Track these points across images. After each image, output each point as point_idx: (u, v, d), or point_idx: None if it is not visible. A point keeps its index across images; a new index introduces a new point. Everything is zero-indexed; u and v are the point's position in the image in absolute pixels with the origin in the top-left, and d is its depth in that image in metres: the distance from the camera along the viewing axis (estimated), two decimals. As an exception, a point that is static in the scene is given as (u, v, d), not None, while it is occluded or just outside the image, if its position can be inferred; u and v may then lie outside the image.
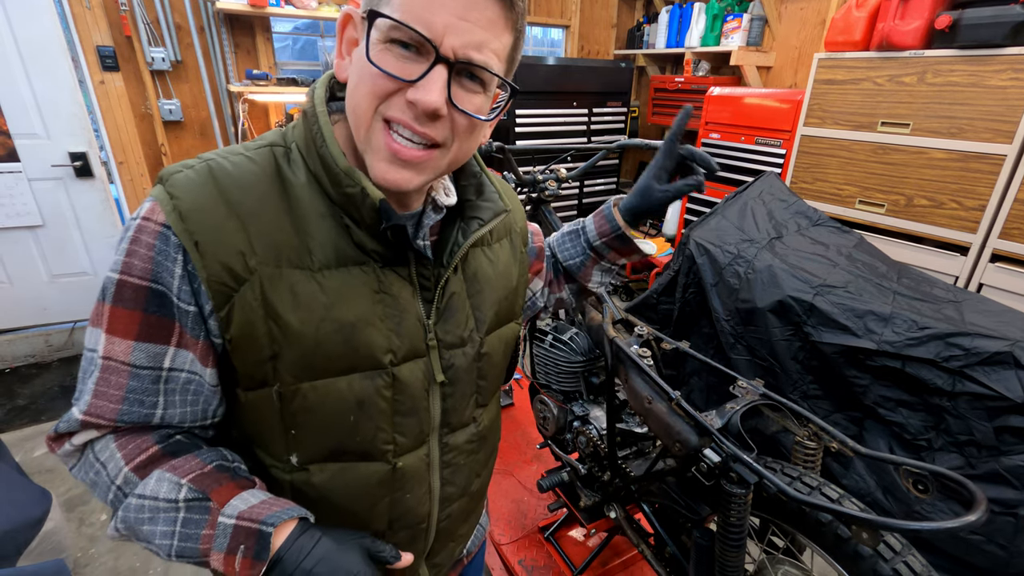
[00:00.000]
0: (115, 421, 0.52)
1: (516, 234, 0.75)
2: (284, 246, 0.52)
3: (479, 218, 0.63)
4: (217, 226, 0.49)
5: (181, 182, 0.50)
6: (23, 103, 2.44)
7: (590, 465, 1.39)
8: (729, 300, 1.97)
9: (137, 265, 0.49)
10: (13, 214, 2.58)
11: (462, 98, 0.51)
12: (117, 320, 0.50)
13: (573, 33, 4.29)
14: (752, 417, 1.02)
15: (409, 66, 0.48)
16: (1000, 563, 1.42)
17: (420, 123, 0.49)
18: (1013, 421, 1.40)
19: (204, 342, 0.52)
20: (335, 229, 0.54)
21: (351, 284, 0.54)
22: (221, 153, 0.54)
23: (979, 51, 1.98)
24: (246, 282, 0.50)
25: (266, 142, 0.56)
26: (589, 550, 1.59)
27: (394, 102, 0.49)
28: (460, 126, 0.52)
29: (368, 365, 0.56)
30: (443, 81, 0.48)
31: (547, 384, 1.49)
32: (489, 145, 1.44)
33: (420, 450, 0.63)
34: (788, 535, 0.99)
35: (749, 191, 2.33)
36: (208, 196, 0.50)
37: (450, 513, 0.70)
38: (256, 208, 0.51)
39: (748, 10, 3.28)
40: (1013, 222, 1.99)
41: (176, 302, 0.50)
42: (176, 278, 0.49)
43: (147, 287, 0.49)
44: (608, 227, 0.83)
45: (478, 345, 0.66)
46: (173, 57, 2.92)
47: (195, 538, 0.49)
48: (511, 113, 3.47)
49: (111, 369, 0.51)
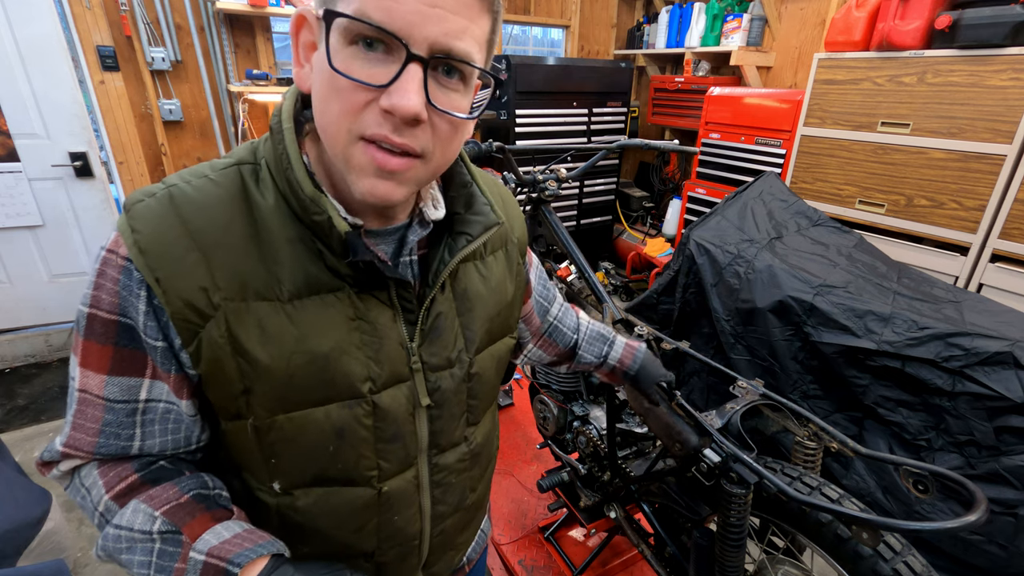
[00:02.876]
0: (92, 454, 0.52)
1: (513, 245, 0.70)
2: (250, 277, 0.49)
3: (467, 233, 0.58)
4: (178, 260, 0.47)
5: (142, 213, 0.47)
6: (23, 103, 2.45)
7: (590, 465, 1.39)
8: (729, 300, 1.97)
9: (105, 299, 0.48)
10: (13, 214, 2.58)
11: (441, 98, 0.46)
12: (90, 354, 0.49)
13: (573, 33, 4.29)
14: (752, 417, 1.02)
15: (378, 69, 0.44)
16: (1000, 563, 1.42)
17: (399, 134, 0.45)
18: (1013, 421, 1.40)
19: (176, 375, 0.50)
20: (306, 255, 0.51)
21: (324, 313, 0.51)
22: (185, 176, 0.51)
23: (979, 51, 1.99)
24: (211, 319, 0.48)
25: (234, 159, 0.53)
26: (589, 550, 1.59)
27: (368, 117, 0.45)
28: (442, 130, 0.48)
29: (346, 395, 0.53)
30: (419, 81, 0.44)
31: (547, 384, 1.49)
32: (489, 145, 1.44)
33: (407, 473, 0.61)
34: (788, 535, 0.99)
35: (749, 191, 2.34)
36: (168, 228, 0.47)
37: (443, 529, 0.68)
38: (219, 238, 0.48)
39: (748, 10, 3.28)
40: (1013, 222, 1.99)
41: (144, 337, 0.49)
42: (141, 314, 0.48)
43: (116, 321, 0.48)
44: (628, 367, 0.94)
45: (467, 366, 0.62)
46: (173, 57, 2.92)
47: (168, 570, 0.48)
48: (511, 113, 3.47)
49: (87, 402, 0.50)
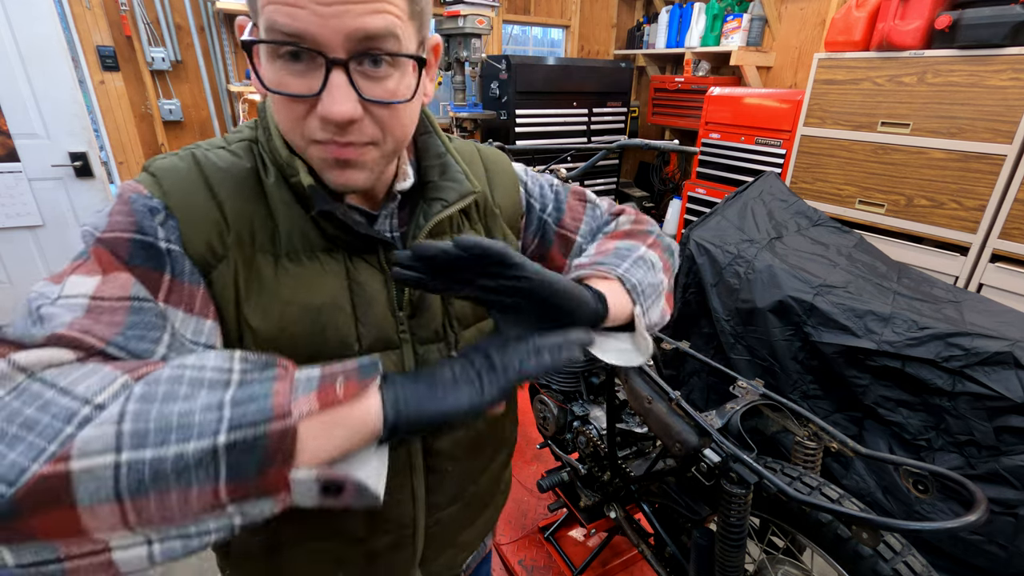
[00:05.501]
0: (107, 343, 0.39)
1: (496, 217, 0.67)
2: (258, 229, 0.52)
3: (442, 199, 0.59)
4: (198, 204, 0.49)
5: (164, 166, 0.51)
6: (23, 103, 2.44)
7: (590, 465, 1.39)
8: (729, 300, 1.97)
9: (121, 222, 0.46)
10: (13, 214, 2.57)
11: (374, 89, 0.46)
12: (105, 263, 0.44)
13: (573, 33, 4.29)
14: (752, 417, 1.02)
15: (307, 78, 0.45)
16: (1000, 563, 1.42)
17: (342, 135, 0.47)
18: (1013, 421, 1.40)
19: (204, 290, 0.49)
20: (302, 217, 0.53)
21: (319, 271, 0.54)
22: (204, 146, 0.54)
23: (979, 51, 1.98)
24: (224, 259, 0.50)
25: (244, 136, 0.56)
26: (589, 550, 1.59)
27: (311, 124, 0.47)
28: (383, 117, 0.48)
29: (336, 352, 0.54)
30: (344, 86, 0.44)
31: (547, 384, 1.50)
32: (489, 145, 1.45)
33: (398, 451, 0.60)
34: (788, 535, 0.99)
35: (749, 191, 2.34)
36: (189, 179, 0.50)
37: (439, 519, 0.67)
38: (235, 192, 0.51)
39: (748, 10, 3.28)
40: (1013, 222, 1.99)
41: (164, 250, 0.46)
42: (162, 240, 0.47)
43: (134, 239, 0.46)
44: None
45: (454, 341, 0.62)
46: (173, 57, 2.92)
47: (262, 397, 0.34)
48: (511, 113, 3.47)
49: (101, 309, 0.41)
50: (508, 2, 3.91)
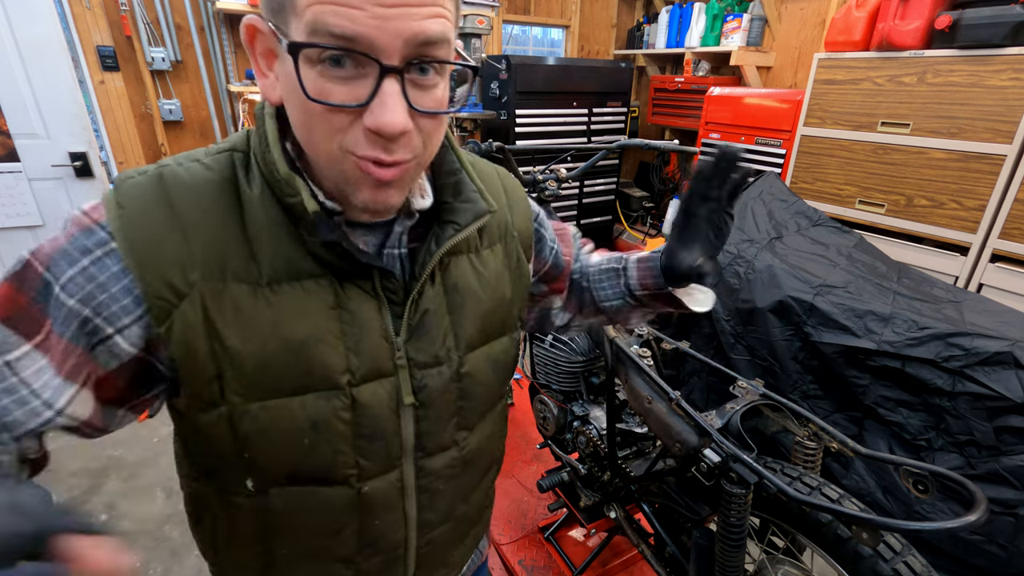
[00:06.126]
0: None
1: (513, 238, 0.66)
2: (230, 257, 0.48)
3: (455, 223, 0.56)
4: (159, 238, 0.46)
5: (130, 189, 0.47)
6: (23, 103, 2.44)
7: (590, 465, 1.39)
8: (729, 300, 1.97)
9: (54, 257, 0.45)
10: (13, 214, 2.57)
11: (423, 99, 0.44)
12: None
13: (573, 33, 4.29)
14: (752, 417, 1.02)
15: (352, 86, 0.42)
16: (1000, 563, 1.43)
17: (389, 152, 0.44)
18: (1013, 421, 1.40)
19: (81, 350, 0.46)
20: (288, 240, 0.49)
21: (302, 299, 0.50)
22: (179, 159, 0.50)
23: (979, 51, 1.99)
24: (186, 296, 0.46)
25: (228, 146, 0.52)
26: (589, 550, 1.59)
27: (354, 135, 0.43)
28: (428, 128, 0.47)
29: (323, 385, 0.51)
30: (397, 94, 0.42)
31: (547, 384, 1.50)
32: (489, 145, 1.44)
33: (390, 475, 0.58)
34: (788, 535, 0.99)
35: (749, 191, 2.33)
36: (153, 205, 0.46)
37: (431, 539, 0.65)
38: (202, 219, 0.47)
39: (748, 10, 3.28)
40: (1013, 222, 1.99)
41: (63, 300, 0.44)
42: (99, 284, 0.45)
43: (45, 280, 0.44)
44: (653, 282, 0.71)
45: (456, 364, 0.59)
46: (173, 57, 2.92)
47: None
48: (511, 113, 3.47)
49: None
50: (508, 2, 3.91)
